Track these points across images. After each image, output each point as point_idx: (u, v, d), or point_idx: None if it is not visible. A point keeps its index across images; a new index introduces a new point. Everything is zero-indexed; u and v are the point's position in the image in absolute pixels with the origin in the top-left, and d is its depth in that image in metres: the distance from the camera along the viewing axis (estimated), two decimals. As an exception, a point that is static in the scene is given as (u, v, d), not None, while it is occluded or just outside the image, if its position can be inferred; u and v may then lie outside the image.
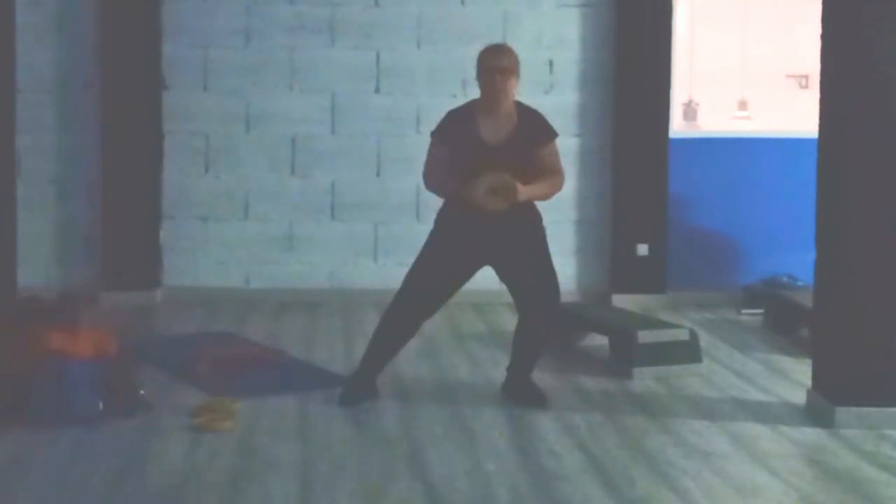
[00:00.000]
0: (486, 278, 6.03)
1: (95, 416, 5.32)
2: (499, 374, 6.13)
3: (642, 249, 8.57)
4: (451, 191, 5.68)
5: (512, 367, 5.97)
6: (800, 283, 8.17)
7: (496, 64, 5.63)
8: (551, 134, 5.73)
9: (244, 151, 8.55)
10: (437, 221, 5.87)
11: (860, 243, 5.47)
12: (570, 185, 8.61)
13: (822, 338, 5.71)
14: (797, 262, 8.12)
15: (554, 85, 8.64)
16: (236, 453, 5.00)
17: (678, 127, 8.83)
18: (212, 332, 7.37)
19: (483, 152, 5.60)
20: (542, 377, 6.17)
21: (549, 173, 5.69)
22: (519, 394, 5.88)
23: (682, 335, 6.64)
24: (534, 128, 5.71)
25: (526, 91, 8.40)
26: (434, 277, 5.78)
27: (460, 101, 6.07)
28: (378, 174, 8.49)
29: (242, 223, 8.58)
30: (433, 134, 5.79)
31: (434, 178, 5.75)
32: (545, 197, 5.73)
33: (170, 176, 8.52)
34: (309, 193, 8.58)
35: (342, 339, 7.26)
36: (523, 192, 5.54)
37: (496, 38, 8.51)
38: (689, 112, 9.11)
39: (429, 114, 7.93)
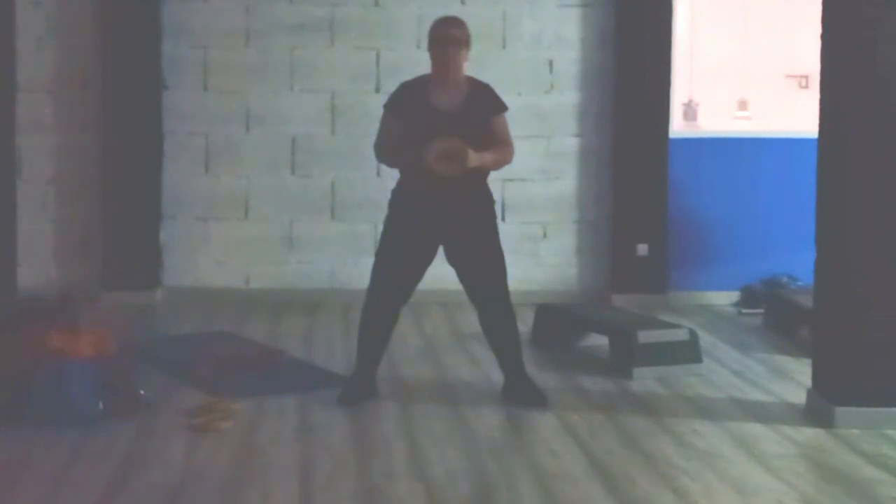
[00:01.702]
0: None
1: (95, 416, 5.32)
2: (499, 374, 6.12)
3: (642, 249, 8.56)
4: (403, 157, 5.73)
5: (501, 365, 5.99)
6: (800, 283, 8.17)
7: (447, 35, 5.77)
8: (502, 106, 5.83)
9: (244, 151, 8.55)
10: (391, 203, 5.93)
11: (860, 243, 5.47)
12: (570, 185, 8.66)
13: (822, 338, 5.71)
14: (797, 262, 8.11)
15: (554, 85, 8.63)
16: (236, 453, 5.01)
17: (678, 127, 8.82)
18: (212, 332, 7.37)
19: (435, 119, 5.68)
20: (542, 377, 6.18)
21: (500, 144, 5.78)
22: (519, 394, 5.88)
23: (682, 335, 6.64)
24: (485, 99, 5.81)
25: (526, 91, 8.49)
26: (398, 260, 5.83)
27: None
28: (378, 174, 8.47)
29: (242, 223, 8.57)
30: (386, 105, 5.89)
31: (386, 148, 5.84)
32: (496, 166, 5.81)
33: (170, 176, 8.51)
34: (309, 193, 8.58)
35: (342, 339, 7.26)
36: (474, 157, 5.60)
37: (496, 38, 8.54)
38: (689, 112, 9.11)
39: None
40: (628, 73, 8.52)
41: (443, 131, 5.61)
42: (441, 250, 5.91)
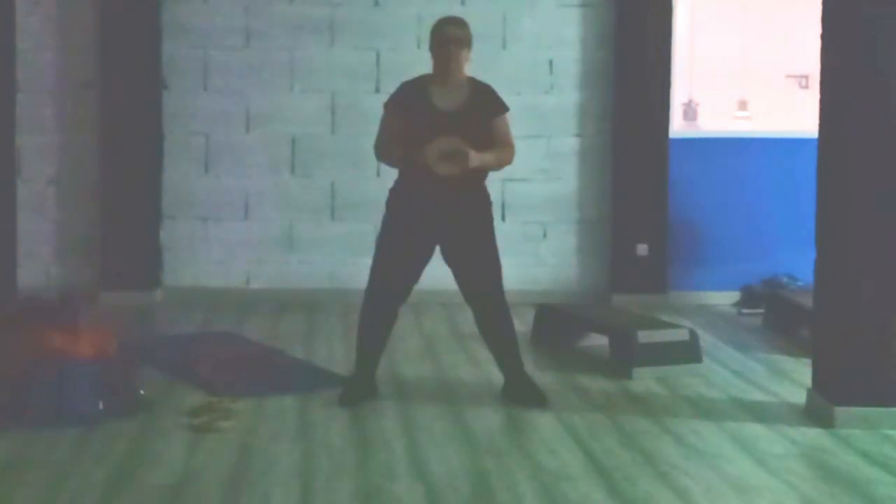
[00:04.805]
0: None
1: (95, 416, 5.32)
2: (499, 374, 6.12)
3: (642, 249, 8.56)
4: (403, 157, 5.73)
5: (500, 366, 5.99)
6: (800, 283, 8.17)
7: (449, 34, 5.77)
8: (503, 107, 5.83)
9: (244, 151, 8.55)
10: (389, 202, 5.93)
11: (860, 243, 5.47)
12: (570, 185, 8.66)
13: (822, 338, 5.71)
14: (797, 262, 8.12)
15: (554, 85, 8.63)
16: (236, 453, 5.00)
17: (678, 127, 8.83)
18: (212, 332, 7.37)
19: (436, 119, 5.68)
20: (542, 377, 6.18)
21: (501, 145, 5.77)
22: (518, 394, 5.88)
23: (682, 335, 6.64)
24: (486, 99, 5.81)
25: (526, 91, 8.49)
26: (395, 260, 5.83)
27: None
28: (378, 174, 8.47)
29: (242, 223, 8.57)
30: (386, 104, 5.88)
31: (386, 147, 5.84)
32: (496, 166, 5.80)
33: (170, 176, 8.51)
34: (309, 193, 8.58)
35: (342, 339, 7.26)
36: (475, 157, 5.60)
37: (496, 38, 8.55)
38: (689, 112, 9.11)
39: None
40: (628, 73, 8.52)
41: (443, 131, 5.61)
42: (438, 250, 5.91)
